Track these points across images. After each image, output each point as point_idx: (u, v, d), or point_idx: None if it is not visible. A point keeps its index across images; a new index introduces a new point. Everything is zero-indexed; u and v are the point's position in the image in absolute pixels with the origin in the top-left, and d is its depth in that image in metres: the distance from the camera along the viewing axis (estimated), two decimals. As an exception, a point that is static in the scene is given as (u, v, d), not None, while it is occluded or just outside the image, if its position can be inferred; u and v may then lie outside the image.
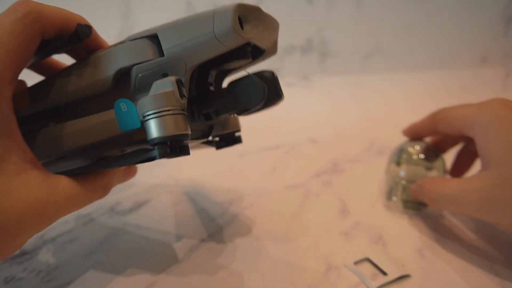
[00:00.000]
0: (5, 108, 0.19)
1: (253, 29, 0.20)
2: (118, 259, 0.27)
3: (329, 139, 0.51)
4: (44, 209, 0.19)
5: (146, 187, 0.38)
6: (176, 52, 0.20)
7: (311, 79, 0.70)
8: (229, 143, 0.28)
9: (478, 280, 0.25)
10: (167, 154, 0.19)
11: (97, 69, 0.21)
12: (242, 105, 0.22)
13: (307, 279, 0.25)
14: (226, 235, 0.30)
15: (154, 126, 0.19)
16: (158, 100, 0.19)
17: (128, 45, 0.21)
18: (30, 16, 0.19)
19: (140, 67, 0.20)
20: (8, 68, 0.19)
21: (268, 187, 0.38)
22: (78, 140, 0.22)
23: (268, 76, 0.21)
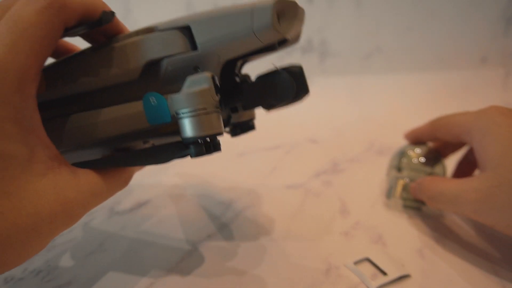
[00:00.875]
0: (30, 106, 0.18)
1: (289, 25, 0.19)
2: (118, 259, 0.27)
3: (329, 139, 0.51)
4: (73, 208, 0.19)
5: (146, 187, 0.38)
6: (211, 46, 0.19)
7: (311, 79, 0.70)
8: (244, 130, 0.27)
9: (478, 280, 0.25)
10: (202, 153, 0.19)
11: (124, 58, 0.20)
12: (271, 100, 0.21)
13: (307, 279, 0.25)
14: (226, 235, 0.30)
15: (189, 126, 0.18)
16: (194, 99, 0.18)
17: (159, 36, 0.20)
18: (54, 5, 0.18)
19: (171, 59, 0.20)
20: (33, 63, 0.17)
21: (268, 187, 0.38)
22: (102, 132, 0.21)
23: (297, 71, 0.21)
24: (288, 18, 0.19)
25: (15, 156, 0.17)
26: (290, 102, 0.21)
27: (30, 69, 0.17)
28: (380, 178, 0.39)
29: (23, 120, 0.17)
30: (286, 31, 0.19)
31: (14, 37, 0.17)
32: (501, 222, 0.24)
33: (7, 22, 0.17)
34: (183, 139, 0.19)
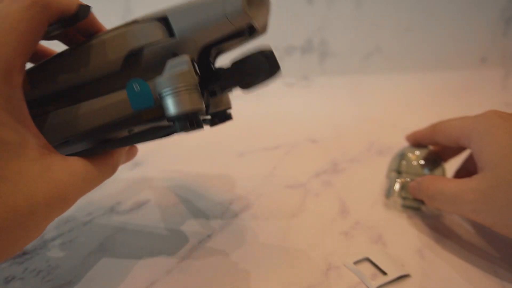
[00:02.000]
0: (17, 96, 0.19)
1: (257, 10, 0.21)
2: (118, 259, 0.27)
3: (329, 139, 0.51)
4: (67, 191, 0.19)
5: (146, 187, 0.38)
6: (187, 32, 0.21)
7: (311, 79, 0.70)
8: (222, 120, 0.29)
9: (478, 280, 0.25)
10: (186, 128, 0.20)
11: (106, 51, 0.21)
12: (248, 79, 0.23)
13: (307, 279, 0.25)
14: (226, 235, 0.30)
15: (172, 103, 0.20)
16: (175, 79, 0.20)
17: (139, 27, 0.21)
18: (39, 3, 0.19)
19: (151, 47, 0.21)
20: (19, 55, 0.19)
21: (268, 187, 0.38)
22: (87, 123, 0.22)
23: (266, 50, 0.22)
24: (256, 4, 0.21)
25: (8, 142, 0.18)
26: (264, 79, 0.23)
27: (16, 61, 0.19)
28: (380, 178, 0.39)
29: (12, 109, 0.18)
30: (254, 15, 0.21)
31: (1, 32, 0.18)
32: (499, 222, 0.25)
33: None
34: (167, 118, 0.20)
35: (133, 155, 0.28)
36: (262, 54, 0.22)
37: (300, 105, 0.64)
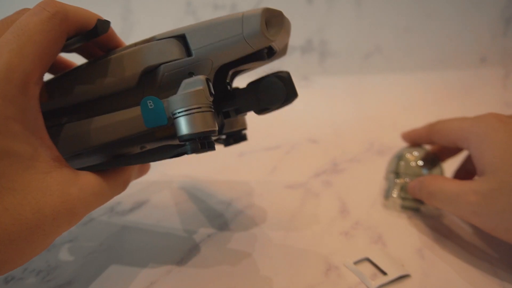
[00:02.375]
0: (33, 107, 0.19)
1: (276, 32, 0.21)
2: (118, 259, 0.27)
3: (329, 139, 0.51)
4: (76, 206, 0.19)
5: (146, 187, 0.38)
6: (205, 52, 0.21)
7: (311, 79, 0.70)
8: (237, 140, 0.29)
9: (478, 280, 0.25)
10: (198, 150, 0.20)
11: (123, 67, 0.21)
12: (263, 104, 0.23)
13: (307, 279, 0.25)
14: (226, 235, 0.30)
15: (184, 123, 0.19)
16: (189, 98, 0.19)
17: (156, 44, 0.21)
18: (58, 16, 0.19)
19: (168, 66, 0.21)
20: (37, 66, 0.19)
21: (268, 187, 0.38)
22: (100, 137, 0.22)
23: (285, 76, 0.22)
24: (275, 25, 0.21)
25: (19, 154, 0.18)
26: (280, 106, 0.23)
27: (34, 73, 0.19)
28: (380, 178, 0.39)
29: (27, 121, 0.18)
30: (273, 37, 0.21)
31: (20, 43, 0.18)
32: (500, 225, 0.25)
33: (14, 30, 0.18)
34: (179, 137, 0.20)
35: (145, 172, 0.28)
36: (280, 78, 0.22)
37: (300, 105, 0.64)
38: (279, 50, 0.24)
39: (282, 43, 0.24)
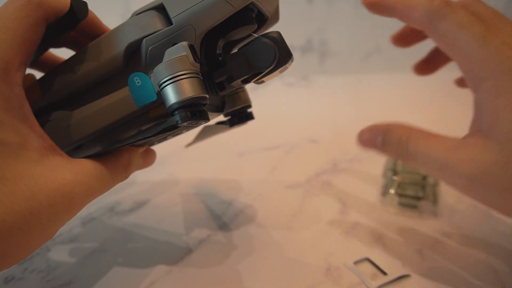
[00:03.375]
0: (17, 94, 0.19)
1: None
2: (118, 259, 0.27)
3: (329, 139, 0.51)
4: (73, 190, 0.19)
5: (146, 187, 0.38)
6: (185, 18, 0.20)
7: (311, 79, 0.70)
8: (242, 120, 0.27)
9: (478, 280, 0.25)
10: (188, 118, 0.19)
11: (105, 49, 0.21)
12: (254, 67, 0.21)
13: (307, 279, 0.25)
14: (226, 235, 0.30)
15: (171, 91, 0.19)
16: (172, 65, 0.19)
17: (135, 19, 0.21)
18: (33, 2, 0.19)
19: (150, 39, 0.20)
20: (16, 53, 0.19)
21: (268, 187, 0.38)
22: (95, 123, 0.21)
23: (275, 36, 0.21)
24: None
25: (7, 143, 0.17)
26: (274, 68, 0.21)
27: (14, 59, 0.18)
28: (380, 178, 0.39)
29: (12, 109, 0.18)
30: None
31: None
32: (505, 204, 0.21)
33: None
34: (168, 109, 0.19)
35: (149, 162, 0.27)
36: (269, 37, 0.21)
37: (300, 105, 0.64)
38: (269, 15, 0.23)
39: (270, 5, 0.23)
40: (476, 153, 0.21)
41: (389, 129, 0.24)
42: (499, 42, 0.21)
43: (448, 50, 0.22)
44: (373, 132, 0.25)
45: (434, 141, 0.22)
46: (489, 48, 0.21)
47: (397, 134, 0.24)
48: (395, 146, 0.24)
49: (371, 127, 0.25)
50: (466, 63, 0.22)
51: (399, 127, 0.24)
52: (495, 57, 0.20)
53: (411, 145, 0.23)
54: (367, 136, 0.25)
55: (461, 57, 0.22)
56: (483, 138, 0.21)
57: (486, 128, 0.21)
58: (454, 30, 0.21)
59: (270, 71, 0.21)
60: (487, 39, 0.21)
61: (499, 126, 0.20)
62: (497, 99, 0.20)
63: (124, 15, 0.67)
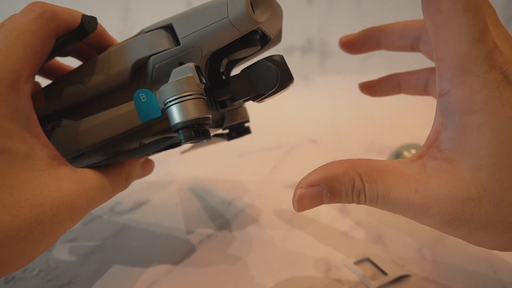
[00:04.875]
0: (25, 105, 0.19)
1: (263, 14, 0.20)
2: (118, 259, 0.27)
3: (329, 139, 0.51)
4: (76, 201, 0.19)
5: (146, 187, 0.38)
6: (192, 40, 0.20)
7: (311, 79, 0.70)
8: (240, 134, 0.28)
9: (478, 280, 0.25)
10: (191, 138, 0.19)
11: (113, 63, 0.21)
12: (257, 89, 0.22)
13: (307, 279, 0.25)
14: (226, 235, 0.30)
15: (176, 111, 0.19)
16: (179, 86, 0.19)
17: (144, 37, 0.21)
18: (45, 15, 0.19)
19: (157, 57, 0.21)
20: (26, 65, 0.19)
21: (268, 187, 0.38)
22: (98, 135, 0.22)
23: (278, 59, 0.21)
24: (261, 6, 0.20)
25: (14, 152, 0.18)
26: (276, 91, 0.22)
27: (23, 71, 0.19)
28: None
29: (20, 119, 0.18)
30: (260, 18, 0.20)
31: (8, 43, 0.18)
32: (482, 241, 0.18)
33: (2, 31, 0.19)
34: (172, 127, 0.20)
35: (148, 171, 0.28)
36: (273, 62, 0.21)
37: (300, 105, 0.64)
38: (273, 37, 0.24)
39: (274, 28, 0.23)
40: (442, 187, 0.17)
41: (332, 175, 0.19)
42: (493, 44, 0.17)
43: (435, 30, 0.18)
44: (314, 188, 0.19)
45: (391, 176, 0.18)
46: (482, 50, 0.17)
47: (347, 179, 0.19)
48: (350, 194, 0.19)
49: (306, 183, 0.19)
50: (448, 57, 0.17)
51: (342, 168, 0.19)
52: (483, 64, 0.17)
53: (368, 188, 0.19)
54: (308, 195, 0.19)
55: (445, 47, 0.17)
56: (447, 162, 0.18)
57: (449, 148, 0.18)
58: (455, 10, 0.17)
59: (271, 93, 0.22)
60: (483, 37, 0.17)
61: (468, 149, 0.17)
62: (468, 115, 0.17)
63: (124, 16, 0.67)
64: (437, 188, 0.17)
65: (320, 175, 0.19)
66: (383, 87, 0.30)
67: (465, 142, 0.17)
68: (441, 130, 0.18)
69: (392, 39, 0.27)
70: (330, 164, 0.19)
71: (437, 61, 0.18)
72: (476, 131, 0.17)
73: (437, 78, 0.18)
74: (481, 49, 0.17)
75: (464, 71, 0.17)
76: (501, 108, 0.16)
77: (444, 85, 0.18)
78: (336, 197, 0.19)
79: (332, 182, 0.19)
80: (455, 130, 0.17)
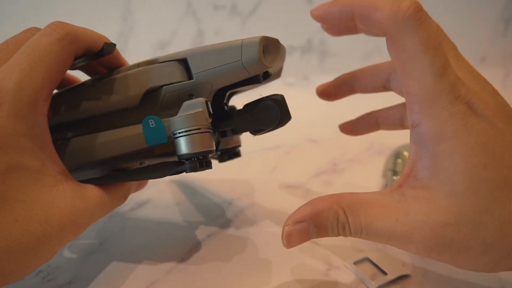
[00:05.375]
0: (41, 123, 0.20)
1: (272, 59, 0.22)
2: (118, 259, 0.27)
3: (329, 139, 0.51)
4: (80, 217, 0.20)
5: (146, 187, 0.38)
6: (205, 76, 0.22)
7: (311, 79, 0.70)
8: (231, 157, 0.30)
9: (478, 280, 0.25)
10: (196, 169, 0.21)
11: (127, 86, 0.22)
12: (258, 125, 0.24)
13: (307, 279, 0.25)
14: (226, 235, 0.30)
15: (184, 144, 0.21)
16: (189, 120, 0.21)
17: (160, 67, 0.22)
18: (67, 37, 0.20)
19: (169, 87, 0.22)
20: (46, 85, 0.20)
21: (268, 187, 0.38)
22: (102, 152, 0.23)
23: (279, 99, 0.23)
24: (272, 52, 0.22)
25: (28, 168, 0.18)
26: (274, 128, 0.24)
27: (43, 91, 0.19)
28: (380, 178, 0.39)
29: (36, 136, 0.19)
30: (270, 64, 0.22)
31: (31, 63, 0.19)
32: (464, 263, 0.19)
33: (25, 50, 0.19)
34: (178, 156, 0.21)
35: (143, 186, 0.29)
36: (275, 101, 0.23)
37: (300, 105, 0.64)
38: (274, 74, 0.25)
39: (277, 67, 0.25)
40: (421, 214, 0.18)
41: (317, 211, 0.20)
42: (455, 77, 0.18)
43: (401, 67, 0.19)
44: (301, 224, 0.20)
45: (373, 208, 0.19)
46: (445, 83, 0.18)
47: (331, 214, 0.19)
48: (336, 228, 0.20)
49: (292, 220, 0.20)
50: (416, 91, 0.18)
51: (326, 203, 0.20)
52: (447, 96, 0.18)
53: (352, 221, 0.19)
54: (296, 231, 0.20)
55: (412, 82, 0.18)
56: (425, 190, 0.18)
57: (425, 176, 0.19)
58: (417, 48, 0.18)
59: (271, 129, 0.24)
60: (445, 71, 0.18)
61: (442, 176, 0.18)
62: (439, 144, 0.18)
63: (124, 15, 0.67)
64: (417, 216, 0.18)
65: (306, 211, 0.20)
66: (362, 126, 0.32)
67: (439, 170, 0.18)
68: (417, 160, 0.19)
69: (364, 83, 0.30)
70: (315, 200, 0.20)
71: (406, 95, 0.19)
72: (448, 159, 0.18)
73: (408, 112, 0.19)
74: (444, 83, 0.18)
75: (431, 104, 0.18)
76: (468, 136, 0.17)
77: (414, 117, 0.19)
78: (323, 232, 0.20)
79: (318, 218, 0.20)
80: (429, 159, 0.18)
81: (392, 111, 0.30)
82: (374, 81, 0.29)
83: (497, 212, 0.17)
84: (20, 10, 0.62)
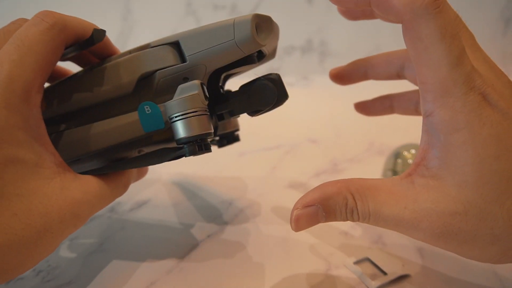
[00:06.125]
0: (35, 115, 0.19)
1: (266, 37, 0.22)
2: (118, 259, 0.27)
3: (329, 139, 0.51)
4: (80, 209, 0.20)
5: (146, 187, 0.38)
6: (198, 58, 0.21)
7: (311, 79, 0.70)
8: (230, 141, 0.30)
9: (478, 280, 0.25)
10: (195, 152, 0.21)
11: (119, 74, 0.22)
12: (255, 105, 0.23)
13: (307, 278, 0.25)
14: (226, 235, 0.30)
15: (181, 127, 0.20)
16: (185, 103, 0.20)
17: (151, 51, 0.22)
18: (56, 26, 0.20)
19: (163, 72, 0.22)
20: (38, 75, 0.19)
21: (268, 187, 0.38)
22: (99, 142, 0.22)
23: (275, 78, 0.23)
24: (265, 30, 0.22)
25: (25, 161, 0.18)
26: (272, 107, 0.23)
27: (35, 82, 0.19)
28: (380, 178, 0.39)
29: (30, 129, 0.19)
30: (263, 41, 0.21)
31: (21, 53, 0.19)
32: (470, 253, 0.19)
33: (14, 41, 0.19)
34: (176, 141, 0.21)
35: (143, 174, 0.29)
36: (271, 80, 0.23)
37: (300, 105, 0.64)
38: (268, 54, 0.25)
39: (271, 46, 0.25)
40: (430, 202, 0.18)
41: (326, 195, 0.20)
42: (471, 67, 0.18)
43: (416, 55, 0.19)
44: (310, 208, 0.20)
45: (382, 194, 0.19)
46: (461, 73, 0.17)
47: (340, 198, 0.20)
48: (344, 213, 0.20)
49: (302, 204, 0.20)
50: (430, 81, 0.18)
51: (335, 188, 0.20)
52: (462, 86, 0.17)
53: (360, 206, 0.19)
54: (305, 215, 0.20)
55: (426, 71, 0.18)
56: (435, 180, 0.19)
57: (436, 166, 0.19)
58: (434, 37, 0.17)
59: (268, 109, 0.23)
60: (461, 61, 0.18)
61: (453, 166, 0.18)
62: (452, 135, 0.18)
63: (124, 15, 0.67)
64: (425, 204, 0.18)
65: (315, 195, 0.20)
66: (377, 107, 0.32)
67: (450, 160, 0.18)
68: (428, 149, 0.19)
69: (378, 70, 0.29)
70: (325, 184, 0.21)
71: (420, 84, 0.19)
72: (460, 149, 0.18)
73: (421, 101, 0.19)
74: (459, 72, 0.18)
75: (445, 93, 0.18)
76: (481, 127, 0.17)
77: (427, 107, 0.19)
78: (331, 216, 0.20)
79: (327, 202, 0.20)
80: (441, 149, 0.18)
81: (408, 95, 0.29)
82: (388, 68, 0.29)
83: (507, 204, 0.17)
84: (20, 10, 0.62)
